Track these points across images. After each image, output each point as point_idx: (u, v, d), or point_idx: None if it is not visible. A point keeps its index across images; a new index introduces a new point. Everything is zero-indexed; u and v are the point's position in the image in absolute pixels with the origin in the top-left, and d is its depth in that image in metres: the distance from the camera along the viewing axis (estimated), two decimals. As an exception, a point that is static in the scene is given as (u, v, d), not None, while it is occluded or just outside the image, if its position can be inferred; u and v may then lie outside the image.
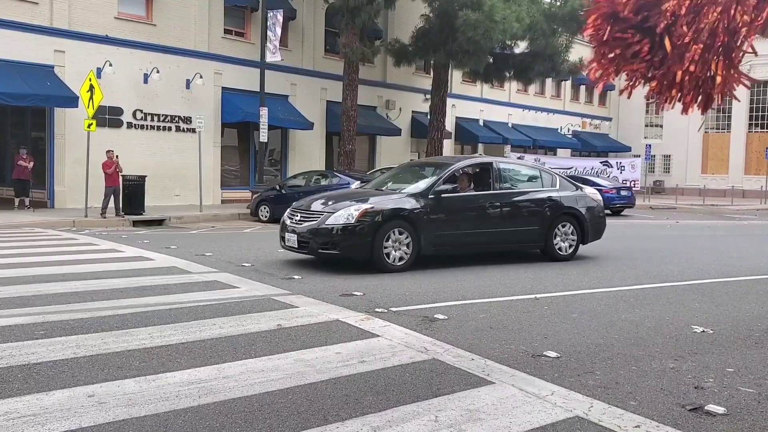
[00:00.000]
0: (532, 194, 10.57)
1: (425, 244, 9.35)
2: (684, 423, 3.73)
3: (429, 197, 9.54)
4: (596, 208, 11.26)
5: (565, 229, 10.67)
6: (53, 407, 3.74)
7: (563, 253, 10.59)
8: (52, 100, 18.92)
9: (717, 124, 46.02)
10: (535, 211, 10.42)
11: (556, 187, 10.86)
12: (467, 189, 10.30)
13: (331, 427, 3.54)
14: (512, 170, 11.12)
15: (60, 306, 6.39)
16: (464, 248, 10.12)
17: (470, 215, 9.95)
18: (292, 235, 9.40)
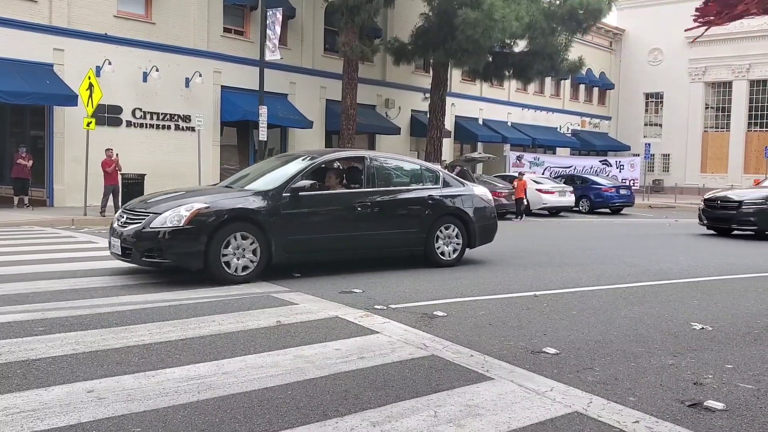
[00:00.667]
0: (411, 193, 9.38)
1: (277, 250, 8.02)
2: (683, 418, 3.73)
3: (283, 195, 8.20)
4: (486, 209, 10.12)
5: (449, 232, 9.53)
6: (52, 403, 3.73)
7: (446, 258, 9.46)
8: (51, 98, 18.91)
9: (716, 123, 46.06)
10: (413, 212, 9.25)
11: (439, 186, 9.71)
12: (337, 186, 9.22)
13: (330, 423, 3.54)
14: (389, 166, 9.84)
15: (59, 303, 6.39)
16: (327, 254, 8.85)
17: (335, 217, 8.71)
18: (117, 239, 7.93)
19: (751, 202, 14.71)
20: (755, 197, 14.80)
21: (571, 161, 35.99)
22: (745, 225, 14.82)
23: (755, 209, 14.60)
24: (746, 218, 14.71)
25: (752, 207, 14.66)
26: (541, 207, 23.95)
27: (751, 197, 14.86)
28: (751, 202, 14.71)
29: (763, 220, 14.49)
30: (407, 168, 10.10)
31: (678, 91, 45.96)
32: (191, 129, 22.52)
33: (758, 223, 14.57)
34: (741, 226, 14.90)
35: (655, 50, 47.07)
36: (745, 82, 44.03)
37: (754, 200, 14.73)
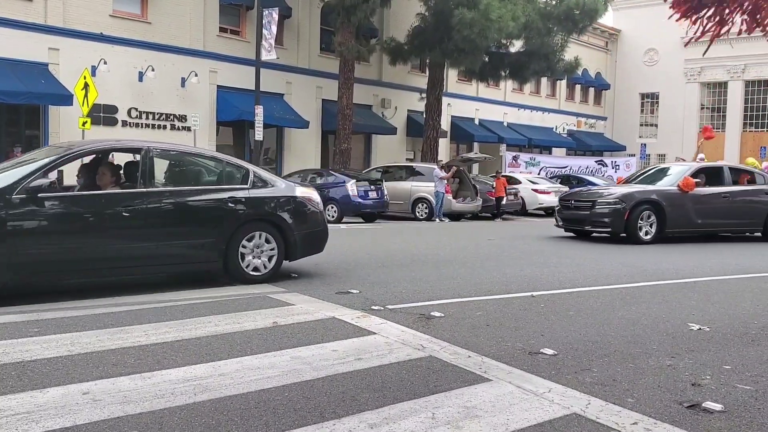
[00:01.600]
0: (205, 195, 7.56)
1: (1, 269, 6.27)
2: (681, 420, 3.72)
3: (14, 198, 6.36)
4: (310, 213, 8.29)
5: (259, 242, 7.74)
6: (48, 405, 3.71)
7: (256, 273, 7.71)
8: (46, 98, 18.86)
9: (712, 123, 46.12)
10: (207, 218, 7.45)
11: (248, 186, 7.82)
12: (110, 186, 7.42)
13: (327, 425, 3.52)
14: (179, 160, 8.14)
15: (54, 304, 6.35)
16: (81, 274, 7.00)
17: (91, 225, 6.82)
18: None
19: (605, 202, 13.39)
20: (610, 197, 13.48)
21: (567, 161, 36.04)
22: (600, 226, 13.53)
23: (610, 210, 13.29)
24: (600, 219, 13.41)
25: (606, 207, 13.35)
26: (538, 207, 23.98)
27: (606, 197, 13.54)
28: (605, 202, 13.39)
29: (618, 222, 13.19)
30: (204, 164, 8.27)
31: (673, 92, 46.05)
32: (187, 129, 22.47)
33: (612, 224, 13.28)
34: (595, 228, 13.68)
35: (651, 50, 47.16)
36: (741, 82, 44.14)
37: (609, 200, 13.40)
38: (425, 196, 20.63)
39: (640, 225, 13.16)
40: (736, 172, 14.94)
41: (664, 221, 13.33)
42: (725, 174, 14.48)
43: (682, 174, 13.94)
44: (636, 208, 13.17)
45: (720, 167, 14.88)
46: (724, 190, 14.15)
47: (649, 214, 13.23)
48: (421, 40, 26.05)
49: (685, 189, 13.47)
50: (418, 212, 20.79)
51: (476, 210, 21.72)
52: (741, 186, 14.61)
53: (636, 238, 13.09)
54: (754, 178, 15.04)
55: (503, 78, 31.17)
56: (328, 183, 19.18)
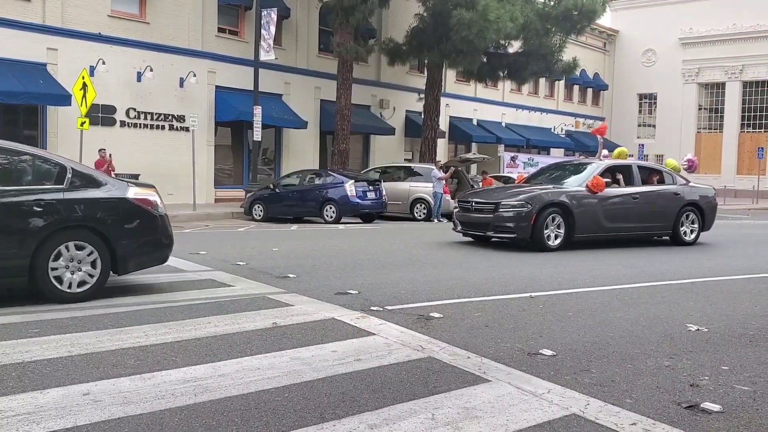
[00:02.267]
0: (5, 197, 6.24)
1: None
2: (680, 421, 3.73)
3: None
4: (147, 219, 7.08)
5: (77, 254, 6.56)
6: (48, 405, 3.71)
7: (71, 290, 6.53)
8: (44, 98, 18.86)
9: (709, 124, 46.23)
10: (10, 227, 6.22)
11: (63, 186, 6.60)
12: None
13: (327, 425, 3.53)
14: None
15: (53, 305, 6.35)
16: None
17: None
18: None
19: (510, 204, 11.83)
20: (515, 199, 11.94)
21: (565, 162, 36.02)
22: (504, 231, 11.95)
23: (515, 213, 11.72)
24: (504, 223, 11.83)
25: (511, 210, 11.78)
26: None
27: (511, 199, 11.99)
28: (510, 204, 11.83)
29: (523, 226, 11.65)
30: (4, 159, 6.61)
31: (671, 92, 46.12)
32: (185, 129, 22.47)
33: (517, 229, 11.73)
34: (499, 233, 12.08)
35: (649, 51, 47.23)
36: (738, 83, 44.22)
37: (514, 202, 11.85)
38: (424, 196, 20.64)
39: (546, 229, 11.77)
40: (645, 171, 13.69)
41: (573, 225, 11.99)
42: (634, 173, 13.24)
43: (590, 173, 12.62)
44: (543, 211, 11.72)
45: (629, 166, 13.48)
46: (634, 190, 12.94)
47: (555, 218, 11.84)
48: (419, 40, 26.07)
49: (595, 190, 12.19)
50: (417, 213, 20.79)
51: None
52: (650, 186, 13.37)
53: (542, 244, 11.69)
54: (663, 177, 13.77)
55: (501, 78, 31.20)
56: (327, 183, 19.19)
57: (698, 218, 13.63)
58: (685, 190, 13.68)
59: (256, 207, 19.47)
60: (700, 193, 13.93)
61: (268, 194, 19.62)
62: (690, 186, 13.93)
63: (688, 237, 13.49)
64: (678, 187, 13.66)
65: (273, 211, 19.30)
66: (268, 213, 19.31)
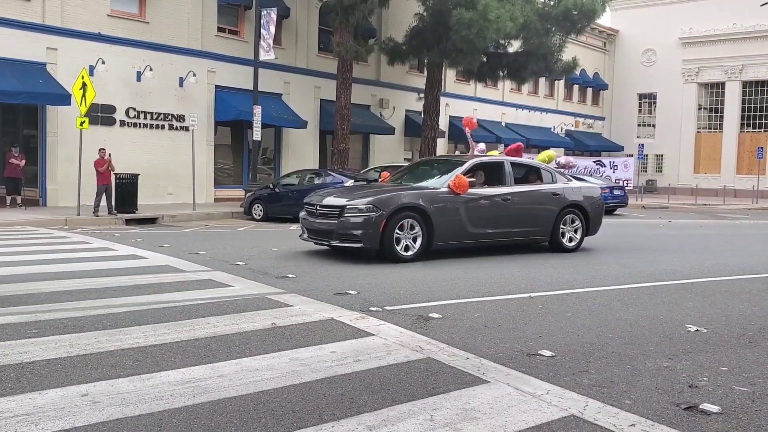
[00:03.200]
0: None
1: None
2: (679, 422, 3.73)
3: None
4: None
5: None
6: (47, 406, 3.71)
7: None
8: (44, 97, 18.84)
9: (709, 123, 46.23)
10: None
11: None
12: None
13: (326, 426, 3.53)
14: None
15: (53, 305, 6.35)
16: None
17: None
18: None
19: (356, 208, 10.06)
20: (361, 201, 10.14)
21: (565, 161, 36.00)
22: (349, 240, 10.09)
23: (362, 218, 9.95)
24: (348, 231, 10.01)
25: (357, 215, 10.00)
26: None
27: (357, 201, 10.19)
28: (356, 208, 10.06)
29: (370, 234, 9.87)
30: None
31: (671, 92, 46.11)
32: (185, 129, 22.47)
33: (364, 237, 9.91)
34: (344, 242, 10.17)
35: (649, 51, 47.22)
36: (738, 83, 44.20)
37: (360, 206, 10.07)
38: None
39: (398, 237, 10.06)
40: (520, 170, 12.14)
41: (432, 232, 10.34)
42: (507, 171, 11.58)
43: (455, 171, 11.02)
44: (395, 215, 10.02)
45: (500, 162, 11.76)
46: (505, 191, 11.34)
47: (411, 224, 10.18)
48: (419, 40, 26.05)
49: (457, 190, 10.61)
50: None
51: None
52: (525, 186, 11.82)
53: (393, 254, 10.00)
54: (542, 176, 12.17)
55: (501, 78, 31.19)
56: (326, 183, 19.18)
57: (582, 221, 12.08)
58: (566, 189, 12.08)
59: (256, 207, 19.47)
60: (584, 193, 12.39)
61: (267, 194, 19.61)
62: (573, 185, 12.39)
63: (569, 243, 11.93)
64: (558, 186, 12.04)
65: (273, 211, 19.29)
66: (268, 213, 19.31)
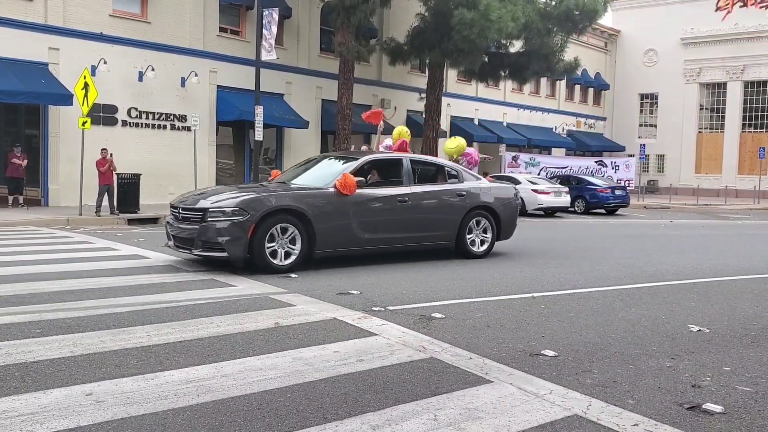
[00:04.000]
0: None
1: None
2: (682, 421, 3.74)
3: None
4: None
5: None
6: (51, 406, 3.72)
7: None
8: (46, 97, 18.85)
9: (711, 124, 46.20)
10: None
11: None
12: None
13: (330, 426, 3.54)
14: None
15: (56, 304, 6.37)
16: None
17: None
18: None
19: (220, 210, 8.63)
20: (228, 204, 8.70)
21: (567, 162, 36.04)
22: (212, 249, 8.61)
23: (227, 224, 8.50)
24: (212, 238, 8.56)
25: (221, 220, 8.55)
26: (537, 207, 23.99)
27: (222, 203, 8.74)
28: (220, 210, 8.63)
29: (237, 242, 8.46)
30: None
31: (673, 92, 46.09)
32: (187, 129, 22.47)
33: (228, 246, 8.48)
34: (208, 251, 8.71)
35: (650, 51, 47.21)
36: (740, 83, 44.19)
37: (225, 208, 8.64)
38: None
39: (272, 245, 8.72)
40: (422, 167, 11.11)
41: (314, 237, 9.04)
42: (405, 170, 10.43)
43: (341, 170, 9.86)
44: (267, 219, 8.65)
45: (398, 160, 10.62)
46: (402, 191, 10.16)
47: (287, 228, 8.85)
48: (420, 40, 26.05)
49: (344, 191, 9.41)
50: (418, 212, 20.75)
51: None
52: (427, 186, 10.66)
53: (265, 263, 8.65)
54: (446, 174, 11.07)
55: (503, 78, 31.18)
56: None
57: (492, 225, 10.99)
58: (474, 189, 10.96)
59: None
60: (495, 193, 11.25)
61: (269, 194, 19.60)
62: (482, 185, 11.25)
63: (477, 248, 10.82)
64: (465, 186, 10.92)
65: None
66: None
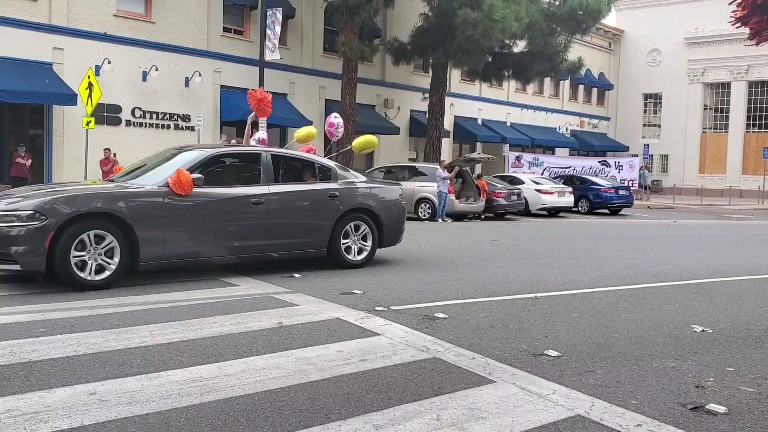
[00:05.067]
0: None
1: None
2: (685, 422, 3.73)
3: None
4: None
5: None
6: (55, 405, 3.73)
7: None
8: (50, 97, 18.90)
9: (715, 124, 46.10)
10: None
11: None
12: None
13: (333, 426, 3.54)
14: None
15: (60, 304, 6.38)
16: None
17: None
18: None
19: (13, 215, 7.04)
20: (22, 206, 7.16)
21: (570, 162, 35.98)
22: (3, 260, 7.04)
23: (21, 231, 6.94)
24: (3, 248, 6.99)
25: (15, 225, 6.97)
26: (541, 207, 23.97)
27: (15, 206, 7.17)
28: (13, 215, 7.04)
29: (31, 252, 6.94)
30: None
31: (677, 92, 46.01)
32: (191, 128, 22.51)
33: (21, 257, 6.94)
34: None
35: (654, 51, 47.12)
36: (744, 83, 44.09)
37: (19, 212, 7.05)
38: (428, 196, 20.61)
39: (81, 254, 7.11)
40: (286, 164, 9.60)
41: (137, 247, 7.48)
42: (264, 166, 8.75)
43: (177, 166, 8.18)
44: (72, 225, 7.07)
45: (255, 155, 9.02)
46: (257, 192, 8.51)
47: (103, 236, 7.26)
48: (424, 40, 26.05)
49: (179, 191, 7.82)
50: (421, 212, 20.78)
51: (479, 210, 21.71)
52: (290, 185, 9.11)
53: (72, 279, 7.07)
54: (315, 171, 9.47)
55: (506, 78, 31.15)
56: (331, 183, 19.17)
57: (372, 230, 9.44)
58: (350, 190, 9.40)
59: (261, 206, 19.44)
60: (377, 194, 9.73)
61: (272, 194, 19.61)
62: (359, 185, 9.64)
63: (353, 256, 9.29)
64: (338, 186, 9.33)
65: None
66: (273, 212, 19.30)
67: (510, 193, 22.35)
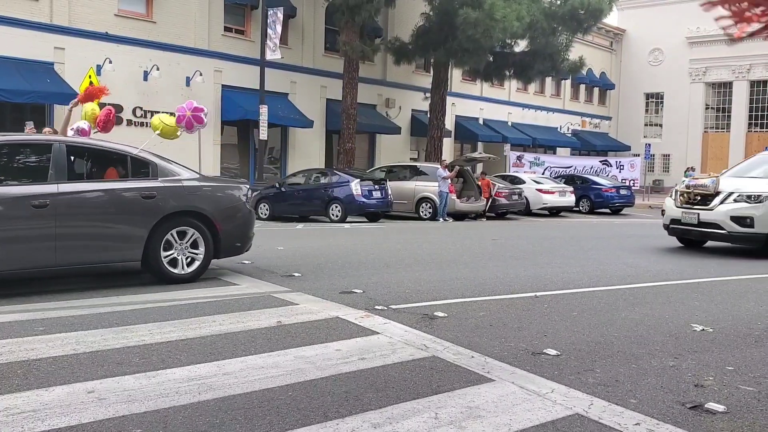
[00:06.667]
0: None
1: None
2: (684, 421, 3.72)
3: None
4: None
5: None
6: (53, 403, 3.73)
7: None
8: (51, 97, 18.92)
9: (716, 123, 46.06)
10: None
11: None
12: None
13: (331, 424, 3.54)
14: None
15: (59, 303, 6.39)
16: None
17: None
18: None
19: None
20: None
21: (572, 161, 35.99)
22: None
23: None
24: None
25: None
26: (542, 207, 23.97)
27: None
28: None
29: None
30: None
31: (678, 92, 45.95)
32: (191, 128, 22.49)
33: None
34: None
35: (656, 50, 47.07)
36: (746, 82, 44.02)
37: None
38: (429, 195, 20.63)
39: None
40: (88, 157, 8.05)
41: None
42: (55, 160, 7.05)
43: None
44: None
45: (45, 145, 7.32)
46: (40, 191, 6.86)
47: None
48: (425, 39, 26.04)
49: None
50: (422, 212, 20.79)
51: (480, 210, 21.72)
52: (89, 183, 7.62)
53: None
54: (128, 167, 7.70)
55: (508, 78, 31.14)
56: (332, 182, 19.21)
57: (205, 236, 7.80)
58: (173, 189, 7.72)
59: (262, 206, 19.49)
60: (211, 194, 8.13)
61: (273, 193, 19.64)
62: (185, 183, 7.88)
63: (180, 268, 7.71)
64: (158, 184, 7.64)
65: (278, 210, 19.33)
66: (274, 212, 19.34)
67: (511, 192, 22.36)
